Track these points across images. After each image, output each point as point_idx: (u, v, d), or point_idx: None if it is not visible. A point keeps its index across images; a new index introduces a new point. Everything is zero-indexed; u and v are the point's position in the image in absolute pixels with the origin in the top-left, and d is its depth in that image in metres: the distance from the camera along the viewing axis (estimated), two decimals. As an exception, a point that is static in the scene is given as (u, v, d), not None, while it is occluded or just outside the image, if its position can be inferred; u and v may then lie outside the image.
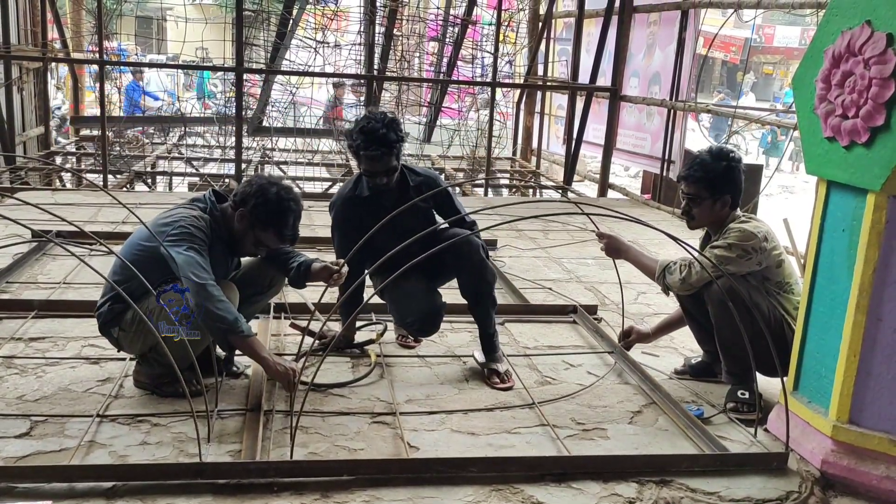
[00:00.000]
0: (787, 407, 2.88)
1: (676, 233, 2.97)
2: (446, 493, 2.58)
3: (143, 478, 2.51)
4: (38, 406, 3.00)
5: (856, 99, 2.63)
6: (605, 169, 9.11)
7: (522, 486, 2.64)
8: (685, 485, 2.71)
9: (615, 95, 8.85)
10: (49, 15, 9.86)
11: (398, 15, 10.35)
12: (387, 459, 2.73)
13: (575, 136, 9.09)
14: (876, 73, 2.56)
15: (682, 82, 8.06)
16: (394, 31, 10.36)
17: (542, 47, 10.83)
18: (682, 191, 3.35)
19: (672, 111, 8.14)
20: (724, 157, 3.29)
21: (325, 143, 11.18)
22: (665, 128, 8.23)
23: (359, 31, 10.38)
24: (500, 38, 9.65)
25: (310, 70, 9.90)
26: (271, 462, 2.64)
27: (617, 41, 8.84)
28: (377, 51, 9.41)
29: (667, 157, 8.21)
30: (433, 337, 3.90)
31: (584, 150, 9.57)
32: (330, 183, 10.01)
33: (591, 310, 4.45)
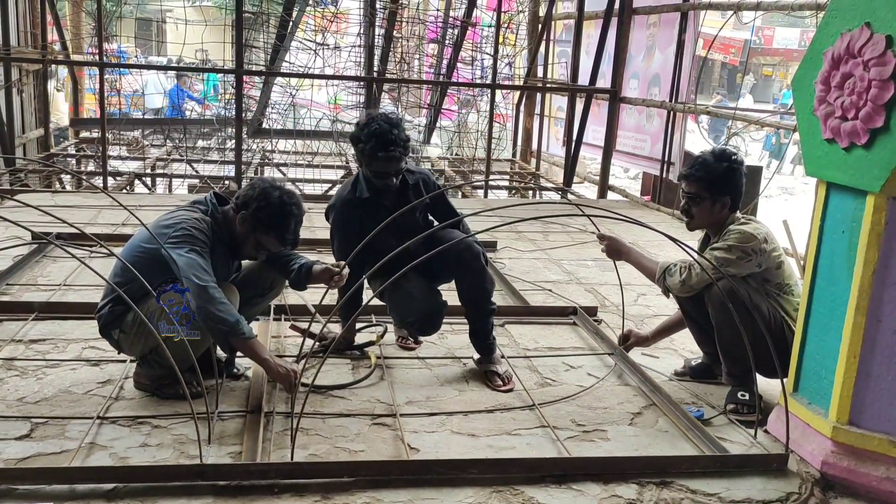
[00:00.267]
0: (787, 408, 2.88)
1: (676, 234, 2.97)
2: (446, 495, 2.58)
3: (144, 479, 2.52)
4: (38, 408, 3.00)
5: (855, 101, 2.64)
6: (604, 171, 9.10)
7: (523, 488, 2.64)
8: (685, 486, 2.72)
9: (615, 97, 8.86)
10: (49, 17, 9.87)
11: (398, 17, 10.36)
12: (387, 461, 2.74)
13: (574, 137, 9.09)
14: (875, 75, 2.56)
15: (682, 84, 8.06)
16: (393, 32, 10.36)
17: (541, 49, 10.83)
18: (682, 190, 3.37)
19: (672, 113, 8.14)
20: (727, 158, 3.30)
21: (325, 145, 11.19)
22: (665, 129, 8.24)
23: (358, 32, 10.39)
24: (500, 40, 9.66)
25: (309, 72, 9.91)
26: (272, 464, 2.64)
27: (616, 43, 8.85)
28: (377, 53, 9.41)
29: (666, 158, 8.21)
30: (433, 339, 3.91)
31: (583, 152, 9.58)
32: (330, 185, 10.02)
33: (591, 311, 4.45)
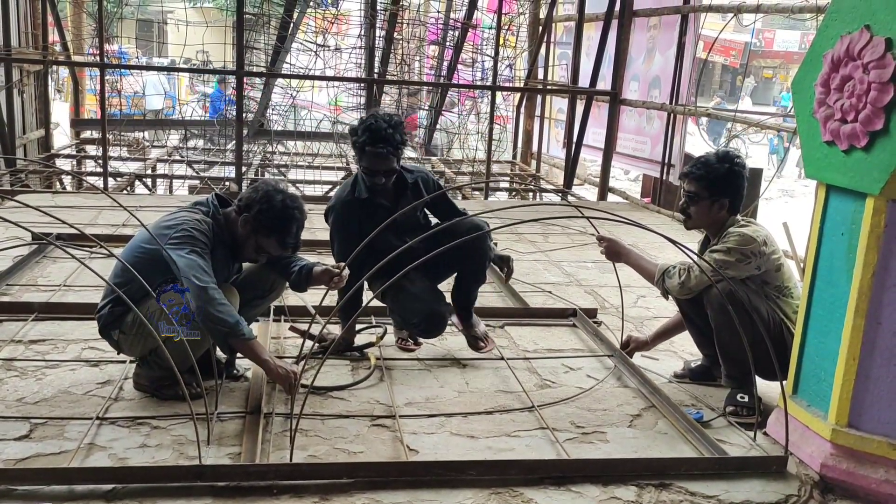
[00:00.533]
0: (787, 410, 2.88)
1: (676, 236, 2.98)
2: (445, 497, 2.58)
3: (143, 480, 2.52)
4: (37, 408, 3.00)
5: (855, 103, 2.64)
6: (605, 172, 9.10)
7: (522, 490, 2.64)
8: (684, 488, 2.71)
9: (615, 99, 8.86)
10: (50, 18, 9.88)
11: (398, 18, 10.38)
12: (386, 462, 2.74)
13: (575, 139, 9.10)
14: (875, 78, 2.56)
15: (682, 86, 8.06)
16: (394, 34, 10.38)
17: (542, 51, 10.84)
18: (682, 188, 3.38)
19: (672, 115, 8.14)
20: (728, 160, 3.31)
21: (326, 147, 11.20)
22: (665, 131, 8.24)
23: (359, 34, 10.41)
24: (501, 42, 9.67)
25: (310, 73, 9.92)
26: (271, 465, 2.64)
27: (617, 45, 8.85)
28: (377, 54, 9.42)
29: (667, 160, 8.21)
30: (433, 340, 3.91)
31: (584, 154, 9.58)
32: (330, 186, 10.02)
33: (591, 313, 4.45)
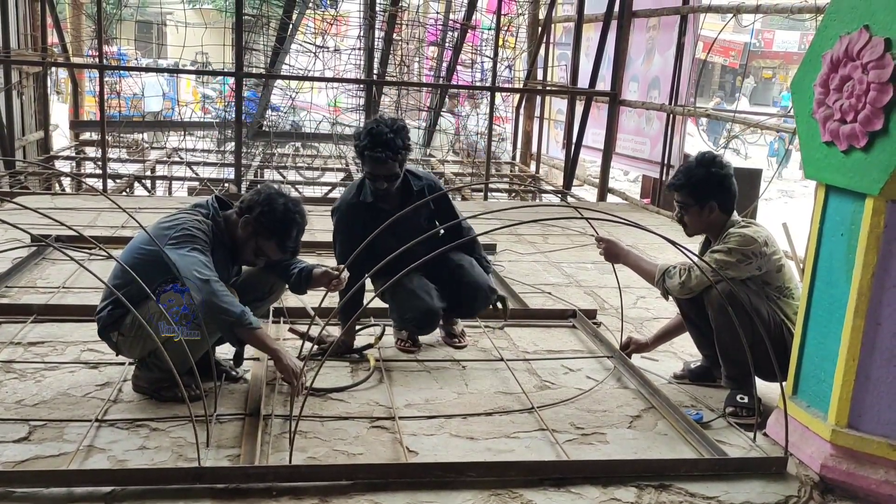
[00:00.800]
0: (786, 411, 2.88)
1: (675, 237, 2.98)
2: (445, 498, 2.58)
3: (142, 482, 2.51)
4: (36, 410, 2.99)
5: (854, 103, 2.64)
6: (604, 173, 9.10)
7: (521, 491, 2.64)
8: (684, 489, 2.71)
9: (614, 100, 8.86)
10: (49, 19, 9.88)
11: (398, 20, 10.38)
12: (386, 464, 2.73)
13: (574, 140, 9.10)
14: (874, 78, 2.56)
15: (682, 87, 8.07)
16: (393, 35, 10.39)
17: (541, 52, 10.84)
18: (674, 200, 3.39)
19: (671, 115, 8.14)
20: (707, 163, 3.31)
21: (325, 148, 11.20)
22: (664, 132, 8.24)
23: (358, 35, 10.41)
24: (500, 43, 9.66)
25: (309, 75, 9.92)
26: (270, 467, 2.63)
27: (616, 45, 8.85)
28: (377, 55, 9.42)
29: (666, 161, 8.21)
30: (432, 342, 3.91)
31: (583, 155, 9.58)
32: (330, 187, 10.02)
33: (591, 314, 4.45)
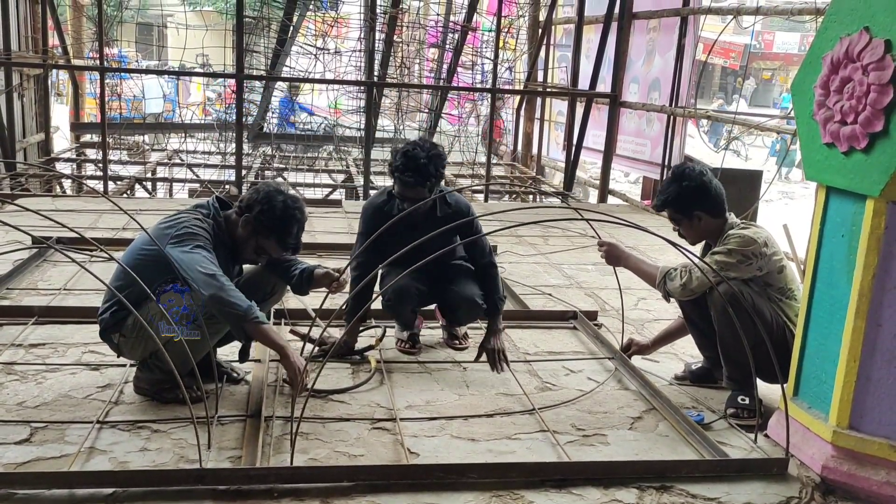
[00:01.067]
0: (788, 412, 2.88)
1: (676, 238, 2.98)
2: (446, 499, 2.58)
3: (144, 484, 2.52)
4: (38, 412, 3.00)
5: (854, 105, 2.64)
6: (605, 175, 9.11)
7: (523, 492, 2.64)
8: (686, 490, 2.71)
9: (615, 101, 8.87)
10: (50, 21, 9.89)
11: (398, 22, 10.39)
12: (387, 465, 2.73)
13: (575, 142, 9.10)
14: (874, 79, 2.56)
15: (682, 88, 8.07)
16: (394, 37, 10.39)
17: (541, 53, 10.85)
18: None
19: (672, 117, 8.15)
20: (678, 178, 3.33)
21: (325, 149, 11.20)
22: (665, 134, 8.24)
23: (359, 37, 10.43)
24: (500, 45, 9.68)
25: (310, 77, 9.93)
26: (271, 468, 2.63)
27: (616, 47, 8.86)
28: (377, 57, 9.43)
29: (667, 163, 8.21)
30: (433, 342, 3.91)
31: (584, 156, 9.59)
32: (330, 188, 10.03)
33: (592, 316, 4.45)
